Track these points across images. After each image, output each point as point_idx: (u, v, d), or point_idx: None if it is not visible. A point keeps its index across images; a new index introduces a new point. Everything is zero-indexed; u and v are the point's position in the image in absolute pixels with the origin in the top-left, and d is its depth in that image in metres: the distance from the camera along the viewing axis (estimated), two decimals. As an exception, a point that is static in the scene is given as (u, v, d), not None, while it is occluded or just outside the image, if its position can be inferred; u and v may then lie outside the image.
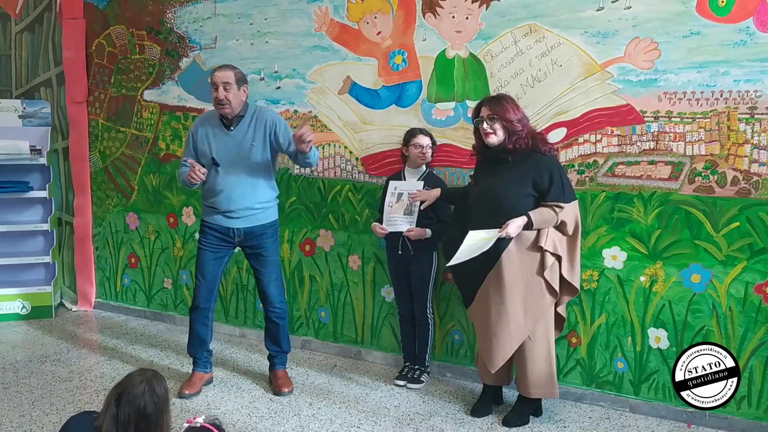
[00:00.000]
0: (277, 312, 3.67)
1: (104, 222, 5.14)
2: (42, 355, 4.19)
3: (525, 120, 3.12)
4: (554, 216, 3.06)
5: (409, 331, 3.83)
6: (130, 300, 5.10)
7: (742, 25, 3.08)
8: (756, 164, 3.11)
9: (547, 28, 3.47)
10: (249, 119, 3.49)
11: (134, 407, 2.00)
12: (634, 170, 3.35)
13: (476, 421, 3.34)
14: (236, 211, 3.49)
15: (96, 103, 5.06)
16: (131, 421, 1.99)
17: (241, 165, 3.46)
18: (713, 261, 3.22)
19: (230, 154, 3.46)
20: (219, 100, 3.38)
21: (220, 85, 3.37)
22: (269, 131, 3.47)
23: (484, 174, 3.23)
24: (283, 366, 3.77)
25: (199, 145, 3.52)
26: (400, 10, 3.86)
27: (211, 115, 3.59)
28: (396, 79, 3.90)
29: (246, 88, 3.49)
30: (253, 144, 3.46)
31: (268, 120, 3.48)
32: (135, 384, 2.04)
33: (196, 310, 3.65)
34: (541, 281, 3.12)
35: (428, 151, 3.66)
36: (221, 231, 3.54)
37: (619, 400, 3.48)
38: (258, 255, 3.60)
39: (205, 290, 3.61)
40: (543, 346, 3.18)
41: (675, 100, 3.24)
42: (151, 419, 2.01)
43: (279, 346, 3.73)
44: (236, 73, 3.43)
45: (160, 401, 2.04)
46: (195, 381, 3.66)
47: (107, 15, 4.92)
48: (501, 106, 3.08)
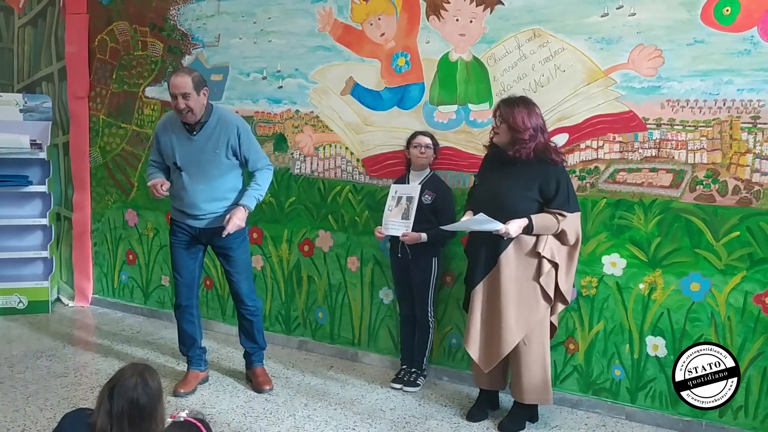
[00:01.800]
0: (250, 309, 3.67)
1: (103, 218, 5.13)
2: (37, 350, 4.17)
3: (537, 130, 3.05)
4: (556, 224, 3.05)
5: (409, 333, 3.82)
6: (127, 297, 5.09)
7: (746, 35, 3.07)
8: (758, 174, 3.10)
9: (551, 33, 3.47)
10: (213, 124, 3.43)
11: (127, 399, 2.00)
12: (636, 177, 3.35)
13: (472, 426, 3.33)
14: (201, 214, 3.49)
15: (97, 98, 5.05)
16: (125, 413, 1.99)
17: (204, 170, 3.44)
18: (713, 270, 3.22)
19: (193, 159, 3.44)
20: (180, 110, 3.31)
21: (178, 96, 3.28)
22: (233, 141, 3.43)
23: (489, 172, 3.23)
24: (261, 363, 3.78)
25: (163, 147, 3.52)
26: (404, 12, 3.85)
27: (170, 118, 3.53)
28: (398, 81, 3.90)
29: (206, 91, 3.40)
30: (216, 151, 3.43)
31: (231, 129, 3.43)
32: (127, 377, 2.04)
33: (180, 308, 3.66)
34: (536, 287, 3.11)
35: (427, 151, 3.65)
36: (189, 231, 3.56)
37: (616, 407, 3.47)
38: (226, 255, 3.60)
39: (184, 287, 3.62)
40: (538, 352, 3.16)
41: (678, 108, 3.23)
42: (145, 411, 2.01)
43: (255, 343, 3.74)
44: (194, 77, 3.32)
45: (153, 393, 2.04)
46: (190, 379, 3.66)
47: (111, 11, 4.92)
48: (511, 110, 3.06)
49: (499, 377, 3.35)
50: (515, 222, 3.01)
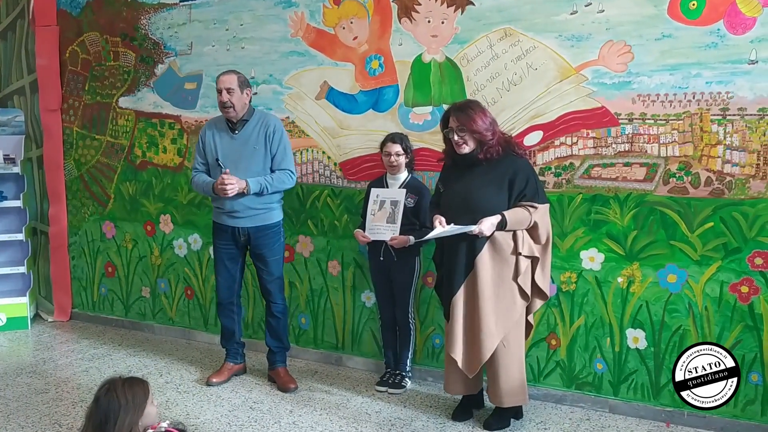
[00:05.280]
0: (279, 307, 3.81)
1: (80, 231, 5.08)
2: (18, 366, 4.12)
3: (494, 126, 3.09)
4: (528, 216, 3.05)
5: (391, 336, 3.82)
6: (107, 310, 5.04)
7: (713, 28, 3.11)
8: (729, 165, 3.15)
9: (522, 32, 3.49)
10: (254, 123, 3.66)
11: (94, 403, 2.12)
12: (610, 172, 3.38)
13: (457, 426, 3.34)
14: (240, 211, 3.62)
15: (70, 110, 5.00)
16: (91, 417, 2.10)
17: (244, 167, 3.59)
18: (689, 261, 3.25)
19: (234, 155, 3.62)
20: (223, 103, 3.56)
21: (223, 90, 3.53)
22: (269, 137, 3.63)
23: (454, 178, 3.20)
24: (284, 363, 3.89)
25: (206, 145, 3.71)
26: (375, 15, 3.86)
27: (218, 119, 3.75)
28: (373, 84, 3.90)
29: (249, 92, 3.66)
30: (255, 147, 3.61)
31: (269, 126, 3.65)
32: (103, 384, 2.16)
33: (220, 306, 3.87)
34: (514, 287, 3.11)
35: (399, 159, 3.63)
36: (228, 231, 3.71)
37: (599, 400, 3.50)
38: (261, 254, 3.73)
39: (224, 288, 3.82)
40: (516, 353, 3.16)
41: (648, 102, 3.27)
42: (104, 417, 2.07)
43: (281, 342, 3.85)
44: (239, 77, 3.60)
45: (119, 402, 2.08)
46: (224, 370, 3.87)
47: (81, 22, 4.87)
48: (468, 116, 3.04)
49: (474, 382, 3.31)
50: (487, 220, 3.00)
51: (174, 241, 4.66)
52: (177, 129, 4.57)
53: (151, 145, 4.69)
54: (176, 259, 4.68)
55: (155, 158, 4.67)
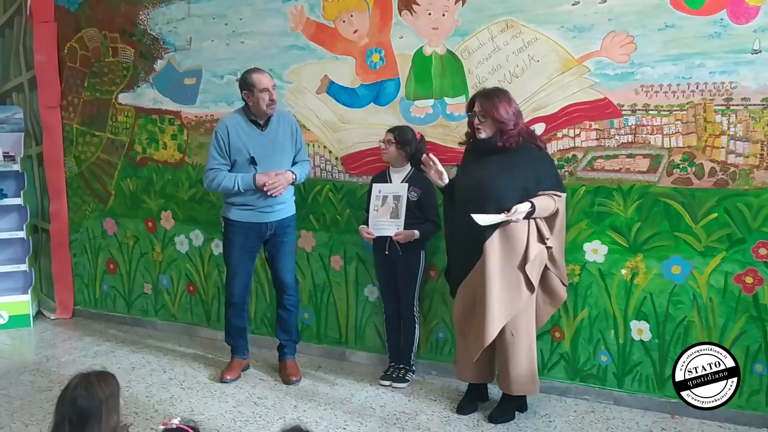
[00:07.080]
0: (291, 300, 3.85)
1: (81, 228, 5.06)
2: (21, 364, 4.11)
3: (518, 118, 3.12)
4: (553, 204, 3.11)
5: (395, 331, 3.81)
6: (109, 306, 5.03)
7: (716, 17, 3.10)
8: (732, 155, 3.14)
9: (524, 23, 3.47)
10: (276, 119, 3.72)
11: (67, 402, 1.99)
12: (613, 164, 3.37)
13: (462, 419, 3.34)
14: (272, 205, 3.68)
15: (70, 107, 4.98)
16: (66, 416, 1.98)
17: (275, 160, 3.68)
18: (693, 252, 3.25)
19: (267, 151, 3.67)
20: (273, 100, 3.63)
21: (269, 89, 3.60)
22: (294, 135, 3.76)
23: (472, 161, 3.23)
24: (293, 355, 3.92)
25: (235, 144, 3.65)
26: (376, 8, 3.83)
27: (234, 118, 3.71)
28: (374, 78, 3.88)
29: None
30: (285, 142, 3.73)
31: (292, 124, 3.79)
32: (72, 381, 2.04)
33: (232, 306, 3.85)
34: (520, 276, 3.11)
35: (389, 147, 3.62)
36: (254, 228, 3.71)
37: (604, 393, 3.50)
38: (282, 244, 3.78)
39: (240, 287, 3.82)
40: (525, 342, 3.17)
41: (652, 93, 3.26)
42: (85, 414, 1.98)
43: (290, 335, 3.89)
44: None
45: (97, 398, 2.00)
46: (235, 366, 3.87)
47: (79, 18, 4.84)
48: (492, 103, 3.07)
49: (487, 370, 3.35)
50: (519, 207, 3.01)
51: (175, 238, 4.65)
52: (177, 125, 4.55)
53: (151, 141, 4.67)
54: (178, 255, 4.66)
55: (156, 154, 4.65)
